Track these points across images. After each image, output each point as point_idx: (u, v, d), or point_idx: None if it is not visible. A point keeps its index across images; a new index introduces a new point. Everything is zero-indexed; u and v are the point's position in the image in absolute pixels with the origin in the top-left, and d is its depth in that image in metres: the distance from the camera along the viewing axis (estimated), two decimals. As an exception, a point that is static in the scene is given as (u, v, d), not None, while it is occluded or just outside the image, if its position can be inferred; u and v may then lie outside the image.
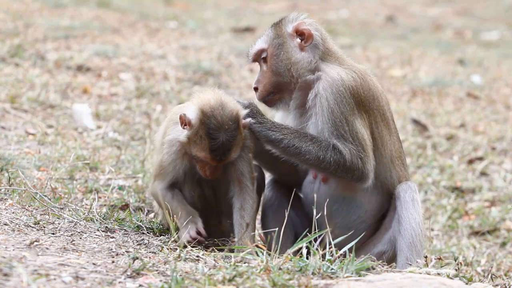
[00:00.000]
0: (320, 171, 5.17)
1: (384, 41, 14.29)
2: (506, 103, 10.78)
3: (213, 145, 4.85)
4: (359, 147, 5.07)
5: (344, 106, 5.08)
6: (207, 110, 4.87)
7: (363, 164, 5.08)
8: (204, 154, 4.88)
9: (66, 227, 5.07)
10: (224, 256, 4.68)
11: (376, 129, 5.22)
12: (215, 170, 4.97)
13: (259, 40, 5.33)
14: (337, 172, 5.09)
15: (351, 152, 5.06)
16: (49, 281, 3.93)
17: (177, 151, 5.07)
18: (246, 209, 5.09)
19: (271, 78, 5.25)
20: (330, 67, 5.19)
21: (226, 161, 4.93)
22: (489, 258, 6.84)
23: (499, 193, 7.98)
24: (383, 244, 5.26)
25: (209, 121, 4.85)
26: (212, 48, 11.51)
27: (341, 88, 5.09)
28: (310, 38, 5.26)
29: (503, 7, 19.92)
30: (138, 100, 8.92)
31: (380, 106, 5.24)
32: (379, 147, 5.23)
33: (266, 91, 5.27)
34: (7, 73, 8.88)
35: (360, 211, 5.28)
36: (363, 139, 5.10)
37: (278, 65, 5.23)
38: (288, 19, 5.32)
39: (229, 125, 4.86)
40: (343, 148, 5.05)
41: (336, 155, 5.05)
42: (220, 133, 4.85)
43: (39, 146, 7.03)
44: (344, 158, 5.05)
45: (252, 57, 5.34)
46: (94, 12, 13.27)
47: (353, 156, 5.06)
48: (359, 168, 5.08)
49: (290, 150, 5.06)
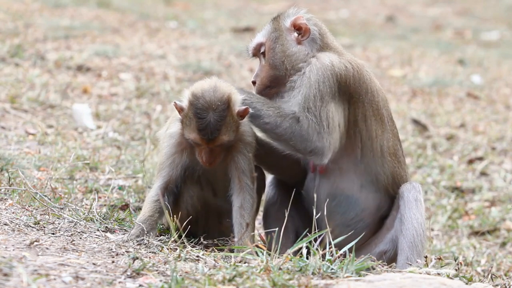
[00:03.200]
0: (276, 139, 5.12)
1: (384, 41, 14.30)
2: (506, 103, 10.78)
3: (201, 124, 4.87)
4: (321, 124, 5.04)
5: (324, 87, 5.07)
6: (198, 92, 4.93)
7: (318, 139, 5.04)
8: (194, 135, 4.92)
9: (66, 227, 5.07)
10: (224, 256, 4.68)
11: (363, 122, 5.21)
12: (211, 155, 4.97)
13: (258, 35, 5.35)
14: (291, 140, 5.05)
15: (309, 123, 5.03)
16: (49, 281, 3.93)
17: (176, 144, 5.09)
18: (246, 208, 5.09)
19: (268, 72, 5.27)
20: (325, 54, 5.20)
21: (218, 142, 4.92)
22: (489, 258, 6.84)
23: (499, 193, 7.98)
24: (385, 244, 5.26)
25: (197, 102, 4.89)
26: (212, 48, 11.51)
27: (328, 72, 5.09)
28: (307, 32, 5.27)
29: (503, 7, 19.92)
30: (138, 100, 8.92)
31: (374, 102, 5.24)
32: (364, 140, 5.22)
33: (263, 85, 5.28)
34: (7, 73, 8.88)
35: (358, 208, 5.29)
36: (331, 119, 5.07)
37: (274, 58, 5.25)
38: (286, 13, 5.33)
39: (217, 105, 4.88)
40: (303, 118, 5.04)
41: (293, 122, 5.04)
42: (208, 113, 4.87)
43: (39, 146, 7.03)
44: (301, 127, 5.02)
45: (252, 52, 5.36)
46: (94, 12, 13.27)
47: (310, 127, 5.03)
48: (313, 141, 5.04)
49: (251, 112, 5.03)
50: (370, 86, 5.23)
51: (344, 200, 5.27)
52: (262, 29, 5.37)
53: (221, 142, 4.94)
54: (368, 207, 5.30)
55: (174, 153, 5.12)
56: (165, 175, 5.15)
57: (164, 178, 5.15)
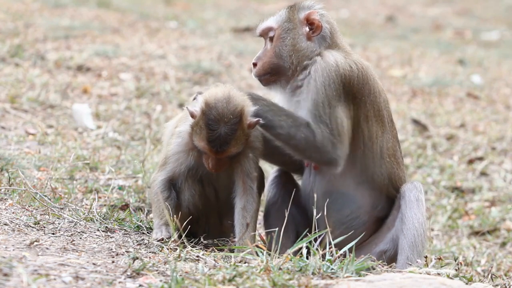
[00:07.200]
0: (291, 148, 5.13)
1: (384, 41, 14.30)
2: (506, 103, 10.79)
3: (211, 136, 4.86)
4: (334, 131, 5.06)
5: (330, 90, 5.08)
6: (211, 101, 4.90)
7: (333, 149, 5.07)
8: (203, 144, 4.91)
9: (66, 227, 5.07)
10: (224, 256, 4.68)
11: (365, 123, 5.21)
12: (217, 163, 4.96)
13: (271, 18, 5.32)
14: (306, 151, 5.07)
15: (323, 133, 5.05)
16: (49, 281, 3.93)
17: (183, 144, 5.07)
18: (248, 210, 5.08)
19: (271, 58, 5.26)
20: (330, 53, 5.20)
21: (226, 154, 4.92)
22: (489, 258, 6.84)
23: (499, 193, 7.98)
24: (385, 243, 5.26)
25: (210, 112, 4.87)
26: (212, 48, 11.51)
27: (332, 73, 5.09)
28: (318, 29, 5.26)
29: (503, 7, 19.92)
30: (138, 100, 8.92)
31: (375, 102, 5.24)
32: (365, 141, 5.22)
33: (264, 70, 5.27)
34: (7, 73, 8.88)
35: (353, 205, 5.28)
36: (341, 126, 5.09)
37: (281, 49, 5.24)
38: (302, 5, 5.31)
39: (229, 118, 4.86)
40: (316, 128, 5.05)
41: (307, 133, 5.05)
42: (219, 125, 4.86)
43: (39, 146, 7.03)
44: (315, 137, 5.04)
45: (259, 32, 5.34)
46: (94, 12, 13.27)
47: (324, 138, 5.05)
48: (329, 151, 5.06)
49: (264, 123, 5.04)
50: (373, 87, 5.23)
51: (340, 197, 5.27)
52: (275, 13, 5.34)
53: (230, 153, 4.94)
54: (363, 204, 5.30)
55: (180, 152, 5.10)
56: (169, 170, 5.14)
57: (168, 173, 5.14)
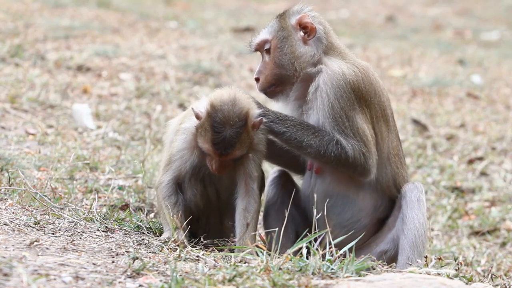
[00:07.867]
0: (322, 164, 5.18)
1: (384, 41, 14.30)
2: (506, 103, 10.79)
3: (216, 139, 4.86)
4: (361, 142, 5.08)
5: (344, 101, 5.08)
6: (217, 104, 4.89)
7: (365, 160, 5.09)
8: (207, 146, 4.90)
9: (66, 227, 5.07)
10: (224, 256, 4.68)
11: (376, 124, 5.22)
12: (221, 165, 4.96)
13: (263, 31, 5.30)
14: (338, 166, 5.10)
15: (353, 147, 5.06)
16: (49, 281, 3.93)
17: (188, 140, 5.06)
18: (249, 210, 5.07)
19: (273, 70, 5.24)
20: (332, 61, 5.19)
21: (230, 157, 4.92)
22: (489, 258, 6.83)
23: (499, 193, 7.98)
24: (386, 243, 5.26)
25: (215, 115, 4.86)
26: (212, 48, 11.51)
27: (341, 82, 5.09)
28: (313, 31, 5.25)
29: (503, 7, 19.92)
30: (138, 100, 8.92)
31: (381, 102, 5.24)
32: (379, 142, 5.23)
33: (268, 83, 5.25)
34: (7, 73, 8.88)
35: (354, 209, 5.27)
36: (365, 134, 5.10)
37: (281, 58, 5.22)
38: (292, 11, 5.29)
39: (235, 121, 4.86)
40: (346, 143, 5.06)
41: (338, 150, 5.06)
42: (225, 128, 4.85)
43: (39, 146, 7.03)
44: (347, 153, 5.06)
45: (255, 47, 5.32)
46: (94, 12, 13.27)
47: (355, 151, 5.07)
48: (362, 163, 5.09)
49: (292, 143, 5.08)
50: (376, 87, 5.23)
51: (340, 200, 5.26)
52: (266, 25, 5.33)
53: (234, 156, 4.94)
54: (365, 207, 5.29)
55: (184, 149, 5.09)
56: (174, 169, 5.12)
57: (174, 173, 5.12)
